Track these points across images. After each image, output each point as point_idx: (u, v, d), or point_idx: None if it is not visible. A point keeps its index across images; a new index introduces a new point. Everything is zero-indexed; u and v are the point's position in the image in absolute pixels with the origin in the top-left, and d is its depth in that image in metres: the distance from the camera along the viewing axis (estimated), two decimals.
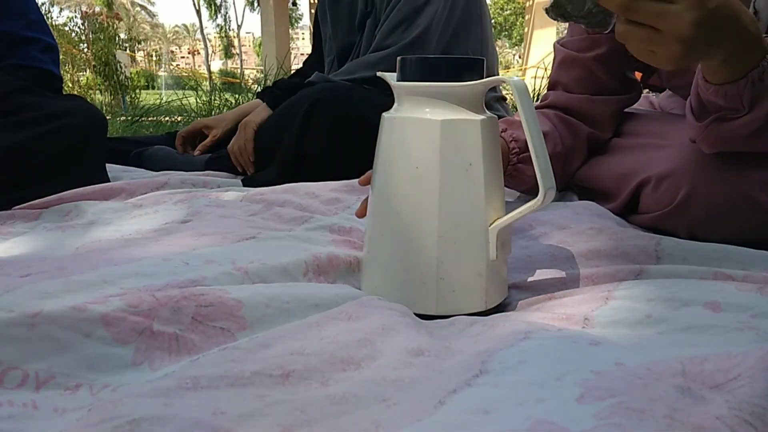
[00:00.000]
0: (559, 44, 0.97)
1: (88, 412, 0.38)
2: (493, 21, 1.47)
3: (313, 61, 1.65)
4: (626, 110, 1.00)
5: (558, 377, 0.36)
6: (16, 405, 0.39)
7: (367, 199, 0.63)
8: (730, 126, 0.67)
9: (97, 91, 5.80)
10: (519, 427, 0.32)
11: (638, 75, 1.04)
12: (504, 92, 1.68)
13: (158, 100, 4.12)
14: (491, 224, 0.57)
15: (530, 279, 0.67)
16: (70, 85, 5.50)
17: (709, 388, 0.34)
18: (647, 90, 1.15)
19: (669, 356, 0.39)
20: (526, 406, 0.34)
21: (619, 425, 0.31)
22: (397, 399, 0.37)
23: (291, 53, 5.94)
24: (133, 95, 5.78)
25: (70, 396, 0.42)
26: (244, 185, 1.23)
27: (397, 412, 0.36)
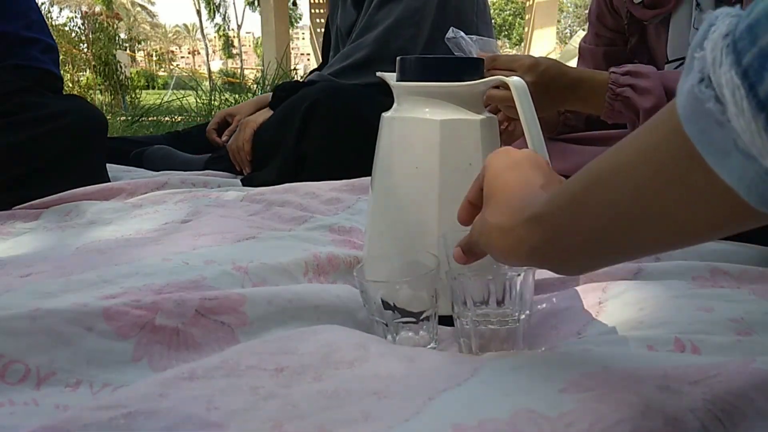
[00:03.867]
0: (582, 42, 1.16)
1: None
2: (492, 21, 1.47)
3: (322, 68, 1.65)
4: None
5: (546, 378, 0.37)
6: (17, 404, 0.40)
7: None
8: None
9: (97, 91, 5.80)
10: (501, 416, 0.33)
11: None
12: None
13: (158, 100, 4.11)
14: None
15: None
16: (70, 85, 5.49)
17: (688, 383, 0.36)
18: None
19: (654, 363, 0.40)
20: (511, 398, 0.35)
21: (596, 410, 0.33)
22: (388, 393, 0.38)
23: (291, 53, 5.94)
24: (133, 95, 5.78)
25: (71, 393, 0.42)
26: (244, 185, 1.23)
27: (387, 404, 0.36)
